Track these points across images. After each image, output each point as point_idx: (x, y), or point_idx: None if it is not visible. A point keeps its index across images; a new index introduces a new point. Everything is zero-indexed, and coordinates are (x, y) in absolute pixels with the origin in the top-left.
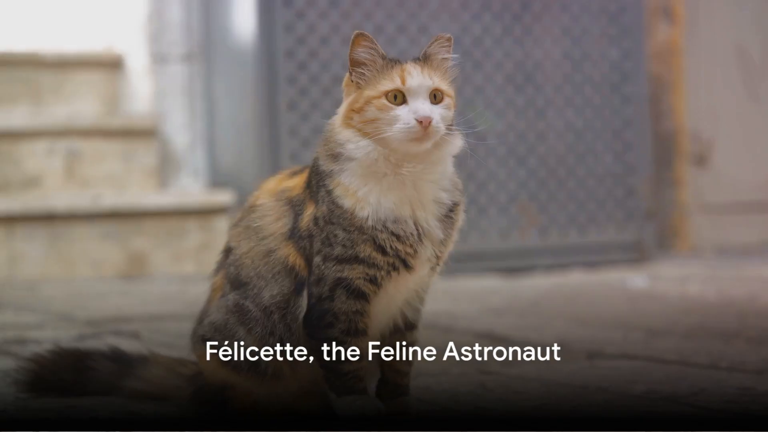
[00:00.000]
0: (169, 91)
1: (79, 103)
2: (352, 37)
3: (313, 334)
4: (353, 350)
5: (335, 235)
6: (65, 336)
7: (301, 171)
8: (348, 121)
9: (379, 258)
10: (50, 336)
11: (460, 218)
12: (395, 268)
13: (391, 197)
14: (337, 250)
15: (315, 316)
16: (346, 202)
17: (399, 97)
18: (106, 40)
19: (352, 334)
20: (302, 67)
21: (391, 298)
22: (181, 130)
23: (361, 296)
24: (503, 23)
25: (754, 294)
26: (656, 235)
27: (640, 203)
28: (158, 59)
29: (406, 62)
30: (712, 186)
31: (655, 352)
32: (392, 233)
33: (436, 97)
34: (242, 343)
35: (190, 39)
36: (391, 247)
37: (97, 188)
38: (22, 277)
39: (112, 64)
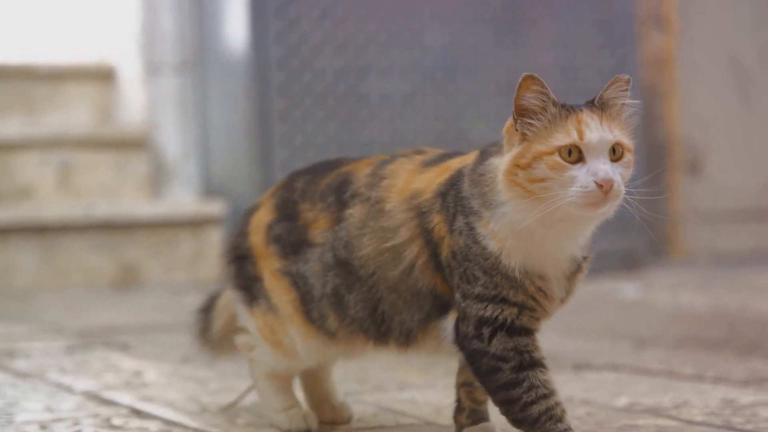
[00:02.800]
0: (162, 102)
1: (72, 113)
2: (520, 80)
3: (485, 387)
4: (528, 388)
5: (473, 275)
6: (55, 347)
7: (433, 162)
8: (512, 177)
9: (534, 305)
10: (39, 347)
11: (584, 272)
12: (541, 318)
13: (535, 252)
14: (477, 290)
15: (471, 358)
16: (492, 245)
17: (574, 154)
18: (99, 51)
19: (522, 370)
20: (294, 76)
21: None
22: (173, 140)
23: (515, 333)
24: (496, 31)
25: (745, 303)
26: (649, 243)
27: (633, 212)
28: (151, 69)
29: (581, 110)
30: (705, 194)
31: (642, 362)
32: (538, 288)
33: (615, 152)
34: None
35: (183, 49)
36: (539, 301)
37: (89, 198)
38: (14, 287)
39: (104, 75)
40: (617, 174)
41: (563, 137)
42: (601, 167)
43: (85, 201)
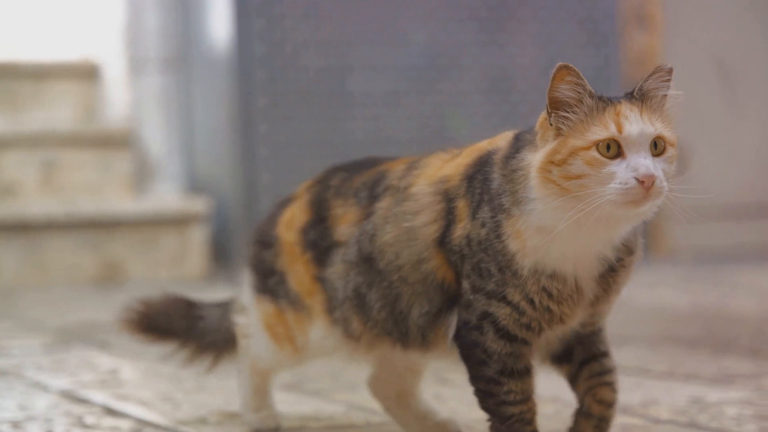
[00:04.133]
0: (146, 99)
1: (56, 111)
2: (554, 70)
3: (469, 373)
4: (508, 391)
5: (488, 270)
6: (34, 344)
7: (461, 153)
8: (546, 174)
9: (528, 309)
10: (19, 345)
11: (626, 276)
12: (549, 321)
13: (556, 252)
14: (489, 286)
15: (465, 346)
16: (513, 245)
17: (613, 149)
18: (83, 49)
19: (508, 375)
20: (278, 74)
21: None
22: (158, 138)
23: (514, 339)
24: (480, 30)
25: (723, 300)
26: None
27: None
28: (135, 67)
29: (620, 102)
30: (689, 192)
31: (616, 360)
32: (544, 289)
33: (656, 146)
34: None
35: (167, 47)
36: (540, 302)
37: (73, 196)
38: None
39: (89, 73)
40: (659, 170)
41: (601, 131)
42: (642, 162)
43: (69, 199)
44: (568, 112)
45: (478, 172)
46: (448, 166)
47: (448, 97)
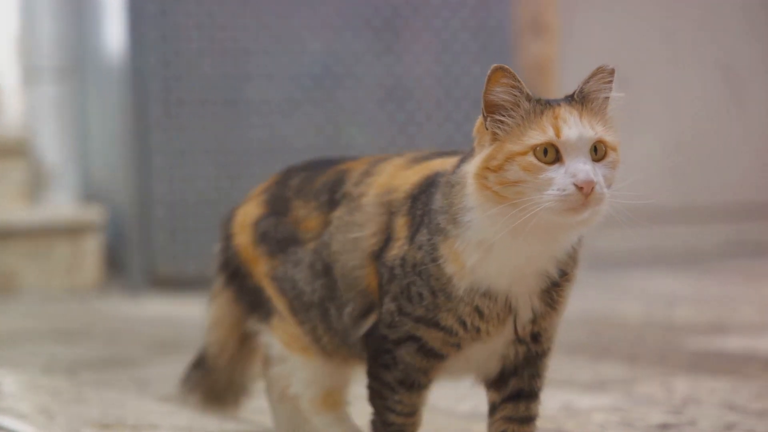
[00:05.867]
0: (41, 108)
1: None
2: (489, 72)
3: (368, 369)
4: (399, 401)
5: (420, 294)
6: None
7: (421, 160)
8: (482, 181)
9: (460, 330)
10: None
11: (569, 290)
12: (474, 340)
13: (494, 268)
14: (419, 312)
15: (374, 350)
16: (449, 269)
17: (551, 153)
18: None
19: (407, 386)
20: (173, 83)
21: (462, 359)
22: (53, 147)
23: (435, 356)
24: (376, 40)
25: (611, 306)
26: None
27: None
28: (30, 76)
29: (559, 105)
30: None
31: None
32: (477, 308)
33: (597, 151)
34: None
35: (62, 55)
36: (471, 323)
37: None
38: None
39: None
40: (600, 175)
41: (538, 135)
42: (582, 167)
43: None
44: (504, 115)
45: (423, 193)
46: (399, 175)
47: (345, 106)
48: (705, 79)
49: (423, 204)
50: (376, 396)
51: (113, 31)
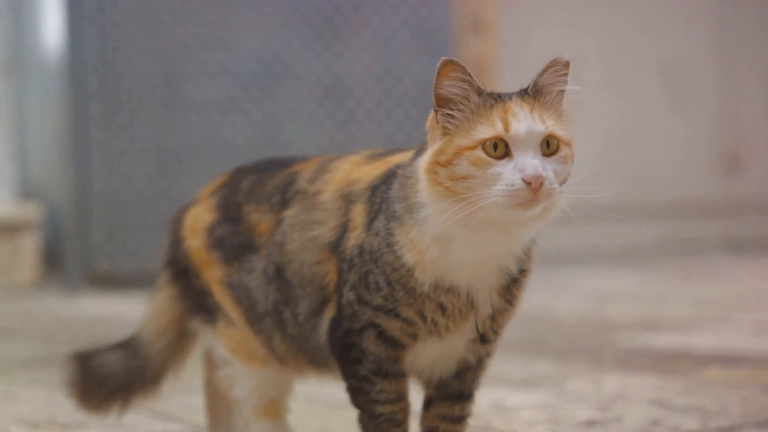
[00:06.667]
0: None
1: None
2: (438, 66)
3: (342, 370)
4: (381, 390)
5: (377, 283)
6: None
7: (380, 156)
8: (433, 176)
9: (420, 323)
10: None
11: (525, 287)
12: (430, 333)
13: (454, 263)
14: (377, 300)
15: (341, 348)
16: (409, 258)
17: (500, 148)
18: None
19: (382, 375)
20: (111, 80)
21: (419, 354)
22: None
23: (396, 345)
24: (316, 38)
25: (548, 303)
26: None
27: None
28: None
29: (510, 99)
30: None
31: None
32: (440, 304)
33: (549, 145)
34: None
35: (1, 52)
36: (432, 318)
37: None
38: None
39: None
40: (550, 170)
41: (487, 129)
42: (530, 162)
43: None
44: (453, 109)
45: (383, 183)
46: (359, 169)
47: (283, 104)
48: (644, 77)
49: (382, 193)
50: (357, 393)
51: (51, 27)
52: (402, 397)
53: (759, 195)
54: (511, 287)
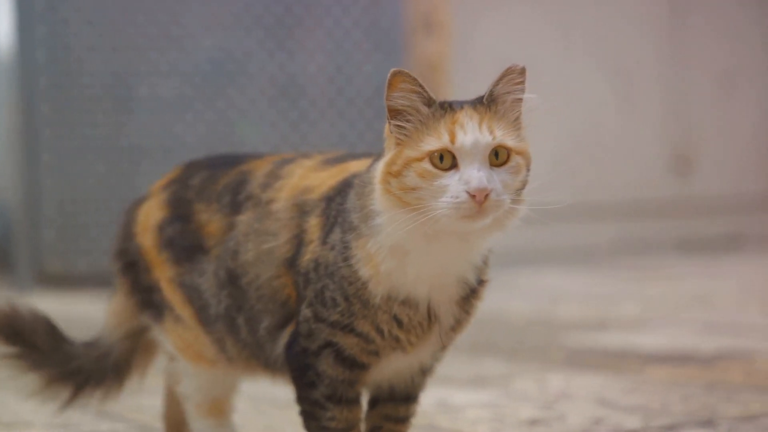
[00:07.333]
0: None
1: None
2: (388, 77)
3: (296, 393)
4: (331, 417)
5: (333, 299)
6: None
7: (335, 161)
8: (386, 186)
9: (377, 338)
10: None
11: (483, 296)
12: (394, 349)
13: (412, 275)
14: (334, 317)
15: (298, 367)
16: (364, 272)
17: (447, 160)
18: None
19: (335, 401)
20: (62, 79)
21: (384, 368)
22: None
23: (355, 365)
24: (269, 37)
25: (499, 304)
26: None
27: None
28: None
29: (461, 108)
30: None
31: None
32: (395, 317)
33: (498, 156)
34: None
35: None
36: (389, 332)
37: None
38: None
39: None
40: (497, 181)
41: (434, 141)
42: (475, 175)
43: None
44: (403, 120)
45: (338, 194)
46: (313, 176)
47: (236, 103)
48: (595, 78)
49: (337, 205)
50: (309, 418)
51: (1, 26)
52: (353, 427)
53: (710, 195)
54: (470, 297)
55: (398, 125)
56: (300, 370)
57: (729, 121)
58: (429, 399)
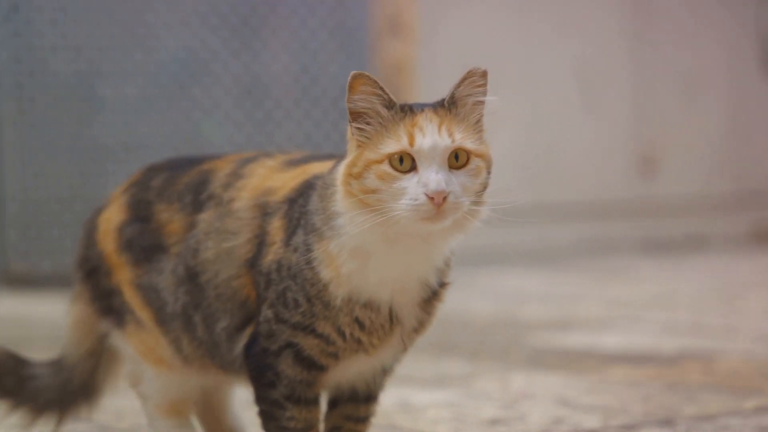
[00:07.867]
0: None
1: None
2: (349, 79)
3: (255, 393)
4: (290, 417)
5: (295, 300)
6: None
7: (297, 163)
8: (347, 187)
9: (338, 340)
10: None
11: (444, 299)
12: (355, 351)
13: (374, 277)
14: (295, 318)
15: (256, 368)
16: (325, 274)
17: (406, 162)
18: None
19: (294, 401)
20: (25, 79)
21: (345, 370)
22: None
23: (314, 367)
24: (233, 37)
25: (461, 304)
26: None
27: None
28: None
29: (422, 111)
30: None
31: None
32: (357, 320)
33: (458, 158)
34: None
35: None
36: (351, 334)
37: None
38: None
39: None
40: (455, 184)
41: (393, 144)
42: (433, 177)
43: None
44: (364, 123)
45: (301, 196)
46: (275, 177)
47: (200, 103)
48: (559, 79)
49: (300, 206)
50: (268, 419)
51: None
52: (312, 427)
53: (673, 196)
54: (432, 300)
55: (359, 127)
56: (259, 370)
57: (693, 123)
58: (390, 399)
